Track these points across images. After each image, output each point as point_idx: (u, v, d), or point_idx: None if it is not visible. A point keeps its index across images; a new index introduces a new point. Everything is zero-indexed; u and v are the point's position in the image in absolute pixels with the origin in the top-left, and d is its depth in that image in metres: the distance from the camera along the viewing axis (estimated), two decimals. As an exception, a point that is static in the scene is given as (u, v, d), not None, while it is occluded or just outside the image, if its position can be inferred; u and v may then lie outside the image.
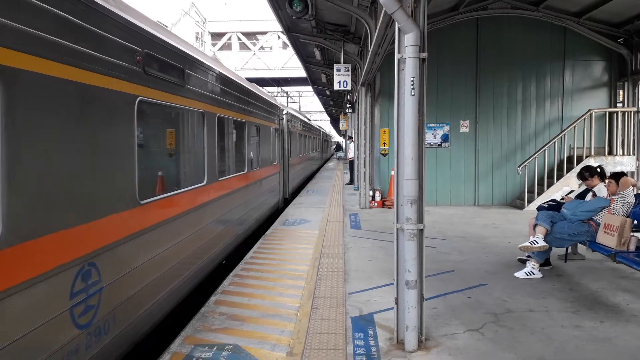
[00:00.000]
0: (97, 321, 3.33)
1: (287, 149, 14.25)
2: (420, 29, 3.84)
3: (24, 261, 2.63)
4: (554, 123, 12.20)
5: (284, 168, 13.73)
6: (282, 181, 13.25)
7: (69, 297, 3.01)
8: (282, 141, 13.51)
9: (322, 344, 4.04)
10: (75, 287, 3.06)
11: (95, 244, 3.33)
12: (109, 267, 3.51)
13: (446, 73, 11.92)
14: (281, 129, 13.38)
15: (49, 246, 2.83)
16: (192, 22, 30.62)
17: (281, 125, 13.36)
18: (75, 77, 3.08)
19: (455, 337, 4.17)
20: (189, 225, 5.38)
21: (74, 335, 3.06)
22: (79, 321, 3.11)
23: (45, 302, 2.79)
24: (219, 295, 5.37)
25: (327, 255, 7.13)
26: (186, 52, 5.30)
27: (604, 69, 12.13)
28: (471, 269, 6.36)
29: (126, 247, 3.82)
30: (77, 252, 3.09)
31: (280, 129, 13.20)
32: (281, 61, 32.13)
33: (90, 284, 3.24)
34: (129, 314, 3.84)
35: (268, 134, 10.86)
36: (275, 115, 12.25)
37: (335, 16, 10.56)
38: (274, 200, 11.83)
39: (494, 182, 12.32)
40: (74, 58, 3.07)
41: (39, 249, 2.74)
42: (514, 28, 11.86)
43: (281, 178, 13.10)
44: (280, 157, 12.99)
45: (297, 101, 44.11)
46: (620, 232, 5.17)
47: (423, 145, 3.94)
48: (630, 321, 4.49)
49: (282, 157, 13.41)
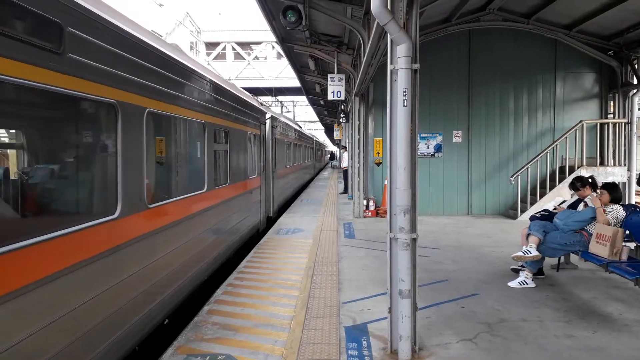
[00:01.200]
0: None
1: (272, 159, 12.19)
2: (412, 40, 3.88)
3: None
4: (546, 134, 12.31)
5: (268, 182, 11.58)
6: (264, 198, 10.94)
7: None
8: (264, 150, 11.31)
9: (315, 353, 4.02)
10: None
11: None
12: None
13: (439, 84, 12.01)
14: (263, 136, 11.12)
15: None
16: (187, 31, 30.71)
17: (263, 132, 11.23)
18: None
19: (448, 346, 4.17)
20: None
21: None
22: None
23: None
24: (212, 304, 5.35)
25: (321, 264, 7.12)
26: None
27: (594, 81, 12.27)
28: (465, 278, 6.37)
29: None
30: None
31: (262, 135, 11.01)
32: (275, 71, 32.21)
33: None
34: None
35: (243, 141, 8.66)
36: (255, 119, 10.04)
37: (329, 27, 10.64)
38: (251, 222, 9.52)
39: (487, 192, 12.37)
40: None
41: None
42: (506, 40, 12.00)
43: (263, 194, 10.81)
44: (263, 169, 10.87)
45: (292, 110, 44.18)
46: (613, 242, 5.21)
47: (416, 155, 3.97)
48: (622, 331, 4.51)
49: (265, 169, 11.35)
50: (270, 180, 11.83)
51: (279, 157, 13.75)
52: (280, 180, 13.96)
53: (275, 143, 12.80)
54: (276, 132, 13.00)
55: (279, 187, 13.70)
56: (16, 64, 2.66)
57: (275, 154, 12.78)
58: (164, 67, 4.80)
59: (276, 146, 13.01)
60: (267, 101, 29.51)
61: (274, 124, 12.51)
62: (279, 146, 13.74)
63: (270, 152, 12.00)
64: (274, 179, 12.46)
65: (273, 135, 12.32)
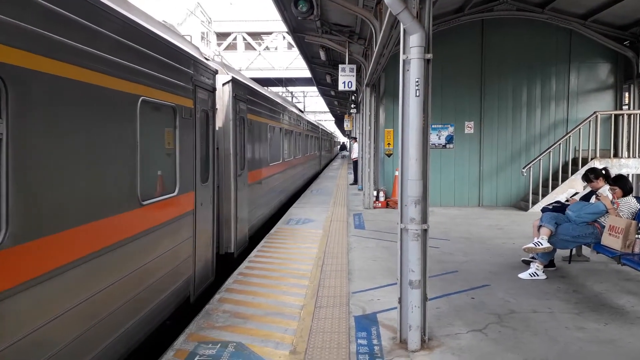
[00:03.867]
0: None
1: (235, 154, 7.30)
2: (425, 30, 3.85)
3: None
4: (559, 125, 12.17)
5: (226, 194, 7.17)
6: (208, 228, 6.07)
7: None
8: (214, 138, 6.44)
9: (325, 342, 4.06)
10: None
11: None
12: None
13: (451, 74, 11.91)
14: (209, 112, 6.11)
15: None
16: (198, 21, 30.70)
17: (210, 105, 6.19)
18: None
19: (458, 337, 4.18)
20: None
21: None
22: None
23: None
24: (223, 293, 5.40)
25: (330, 254, 7.15)
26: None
27: (609, 72, 12.09)
28: (475, 269, 6.37)
29: None
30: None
31: (207, 111, 6.04)
32: (286, 61, 32.16)
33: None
34: None
35: (128, 121, 3.89)
36: (182, 78, 5.08)
37: (340, 17, 10.58)
38: (163, 292, 4.71)
39: (499, 184, 12.30)
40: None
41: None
42: (519, 30, 11.84)
43: (206, 221, 5.97)
44: (213, 174, 6.29)
45: (302, 101, 44.17)
46: (625, 235, 5.16)
47: (427, 146, 3.96)
48: (634, 323, 4.48)
49: (221, 171, 7.05)
50: (230, 190, 7.18)
51: (253, 149, 8.87)
52: (257, 187, 9.09)
53: (244, 127, 7.96)
54: (243, 108, 7.90)
55: (257, 196, 9.08)
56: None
57: (243, 146, 7.93)
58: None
59: (246, 132, 8.05)
60: (278, 92, 29.45)
61: (239, 95, 7.53)
62: (252, 133, 8.61)
63: (233, 143, 7.14)
64: (241, 186, 7.63)
65: (238, 113, 7.45)
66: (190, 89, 5.19)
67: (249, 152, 8.34)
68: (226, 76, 7.14)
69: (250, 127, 8.51)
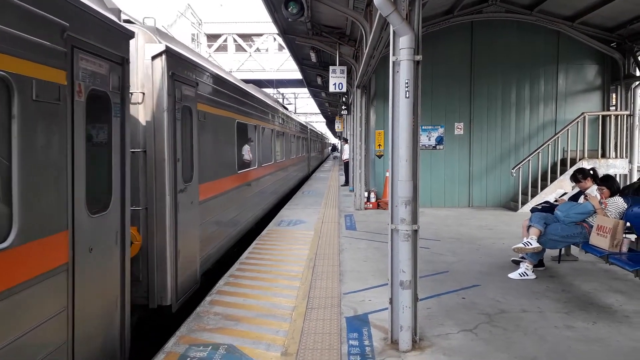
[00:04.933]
0: None
1: (179, 160, 5.29)
2: (414, 31, 3.88)
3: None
4: (547, 126, 12.28)
5: (158, 221, 4.99)
6: (117, 285, 3.93)
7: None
8: (125, 136, 4.01)
9: (316, 343, 4.06)
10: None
11: None
12: None
13: (441, 76, 11.97)
14: (110, 94, 3.79)
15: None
16: (188, 23, 30.60)
17: (116, 85, 3.86)
18: None
19: (449, 337, 4.20)
20: None
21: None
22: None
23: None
24: (214, 295, 5.38)
25: (322, 255, 7.15)
26: None
27: (597, 73, 12.22)
28: (465, 269, 6.40)
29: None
30: None
31: (105, 92, 3.73)
32: (277, 63, 32.15)
33: None
34: None
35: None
36: (28, 20, 2.77)
37: (330, 18, 10.60)
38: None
39: (488, 184, 12.38)
40: None
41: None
42: (508, 32, 11.94)
43: (102, 278, 3.69)
44: (123, 194, 3.98)
45: (293, 102, 44.15)
46: (613, 234, 5.22)
47: (417, 147, 3.98)
48: (622, 322, 4.53)
49: (148, 187, 4.96)
50: (165, 213, 4.99)
51: (210, 153, 6.61)
52: (215, 205, 6.75)
53: (191, 121, 5.77)
54: (190, 94, 5.71)
55: (215, 217, 6.77)
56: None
57: (191, 148, 5.75)
58: None
59: (195, 129, 5.88)
60: (269, 93, 29.32)
61: (181, 75, 5.41)
62: (206, 130, 6.40)
63: (169, 144, 5.01)
64: (185, 206, 5.46)
65: (179, 101, 5.33)
66: (59, 51, 3.08)
67: (201, 157, 6.02)
68: (156, 46, 4.89)
69: (204, 122, 6.23)
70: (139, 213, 4.86)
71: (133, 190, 4.44)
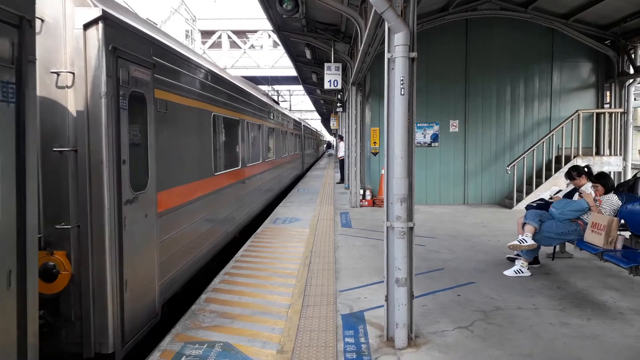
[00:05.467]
0: None
1: (126, 162, 4.03)
2: (409, 28, 3.87)
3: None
4: (542, 123, 12.32)
5: (96, 242, 3.75)
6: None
7: None
8: (26, 129, 2.68)
9: (312, 341, 4.05)
10: None
11: None
12: None
13: (436, 73, 11.98)
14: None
15: None
16: (182, 19, 30.45)
17: (14, 54, 2.59)
18: None
19: (444, 334, 4.21)
20: None
21: None
22: None
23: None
24: (209, 293, 5.37)
25: (317, 253, 7.15)
26: None
27: (591, 71, 12.27)
28: (461, 267, 6.41)
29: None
30: None
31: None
32: (272, 60, 32.03)
33: None
34: None
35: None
36: None
37: (325, 15, 10.57)
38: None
39: (483, 182, 12.41)
40: None
41: None
42: (503, 29, 11.95)
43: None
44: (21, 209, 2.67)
45: (288, 99, 44.09)
46: (608, 231, 5.24)
47: (413, 144, 3.98)
48: (616, 319, 4.55)
49: (80, 198, 3.73)
50: (104, 231, 3.76)
51: (174, 153, 5.33)
52: (179, 217, 5.41)
53: (145, 112, 4.49)
54: (144, 77, 4.41)
55: (180, 232, 5.40)
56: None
57: (146, 146, 4.52)
58: None
59: (151, 121, 4.57)
60: (264, 90, 29.26)
61: (127, 50, 4.07)
62: (169, 124, 5.12)
63: (110, 140, 3.83)
64: (135, 221, 4.19)
65: (125, 84, 4.07)
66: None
67: (162, 157, 4.79)
68: (90, 11, 3.68)
69: (165, 113, 4.92)
70: (69, 232, 3.67)
71: (59, 203, 3.65)
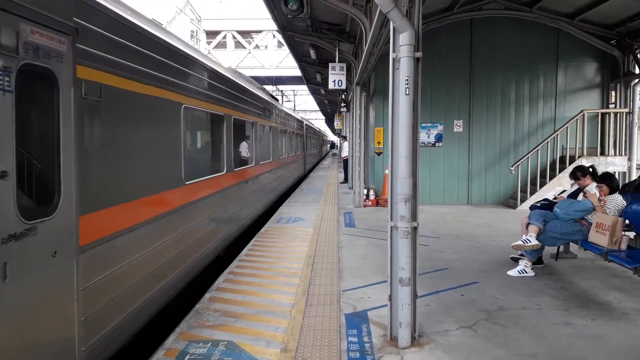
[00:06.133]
0: None
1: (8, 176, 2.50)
2: (415, 28, 3.87)
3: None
4: (546, 123, 12.29)
5: None
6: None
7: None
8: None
9: (316, 340, 4.06)
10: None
11: None
12: None
13: (440, 73, 11.97)
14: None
15: None
16: (187, 20, 30.52)
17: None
18: None
19: (448, 334, 4.21)
20: None
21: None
22: None
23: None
24: (213, 292, 5.39)
25: (321, 253, 7.15)
26: None
27: (596, 70, 12.22)
28: (464, 267, 6.41)
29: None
30: None
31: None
32: (276, 60, 32.08)
33: None
34: None
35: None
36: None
37: (330, 15, 10.57)
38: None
39: (487, 182, 12.39)
40: None
41: None
42: (508, 29, 11.93)
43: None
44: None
45: (292, 99, 44.12)
46: (612, 231, 5.22)
47: (417, 143, 3.98)
48: (621, 319, 4.54)
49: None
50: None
51: (113, 159, 3.75)
52: (128, 245, 4.00)
53: (56, 94, 2.98)
54: (48, 41, 2.83)
55: (119, 270, 3.83)
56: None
57: (58, 148, 3.02)
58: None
59: (72, 114, 3.12)
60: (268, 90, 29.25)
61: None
62: (107, 115, 3.62)
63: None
64: (22, 266, 2.62)
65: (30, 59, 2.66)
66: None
67: (90, 164, 3.43)
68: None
69: (98, 102, 3.52)
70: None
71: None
